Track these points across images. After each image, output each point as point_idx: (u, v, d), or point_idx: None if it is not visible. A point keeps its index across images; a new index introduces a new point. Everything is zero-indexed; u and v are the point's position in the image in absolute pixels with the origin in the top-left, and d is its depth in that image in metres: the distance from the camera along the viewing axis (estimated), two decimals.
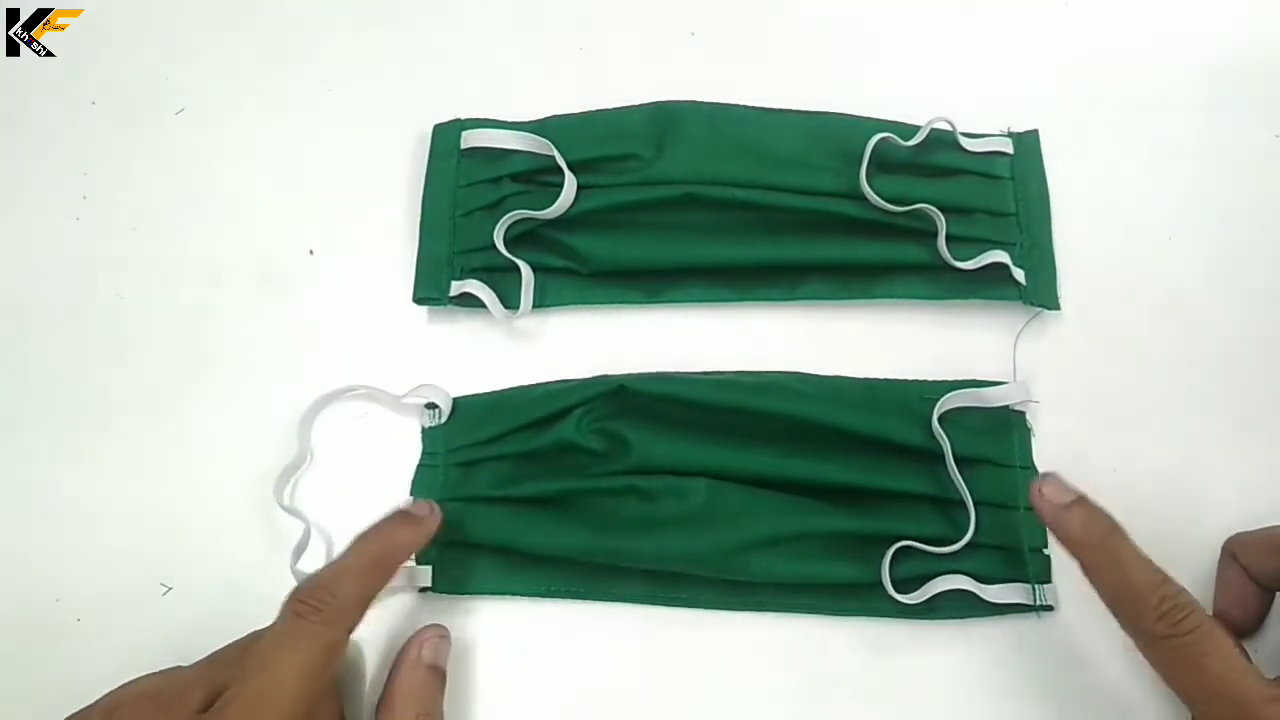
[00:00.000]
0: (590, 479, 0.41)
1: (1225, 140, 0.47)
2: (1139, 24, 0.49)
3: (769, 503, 0.40)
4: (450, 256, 0.45)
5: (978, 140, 0.46)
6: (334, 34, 0.51)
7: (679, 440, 0.41)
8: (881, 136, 0.43)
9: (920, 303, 0.44)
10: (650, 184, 0.44)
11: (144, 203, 0.48)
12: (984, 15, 0.50)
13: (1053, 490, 0.37)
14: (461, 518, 0.42)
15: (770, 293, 0.44)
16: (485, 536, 0.41)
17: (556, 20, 0.50)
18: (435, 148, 0.47)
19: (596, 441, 0.41)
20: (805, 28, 0.50)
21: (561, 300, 0.45)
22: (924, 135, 0.44)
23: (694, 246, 0.44)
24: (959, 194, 0.44)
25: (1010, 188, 0.45)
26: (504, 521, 0.41)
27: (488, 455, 0.43)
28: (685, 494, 0.40)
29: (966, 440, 0.41)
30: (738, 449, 0.41)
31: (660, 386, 0.42)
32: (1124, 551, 0.36)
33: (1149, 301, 0.45)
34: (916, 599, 0.39)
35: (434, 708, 0.38)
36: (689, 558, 0.40)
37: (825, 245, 0.44)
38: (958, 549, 0.39)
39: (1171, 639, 0.34)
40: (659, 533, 0.40)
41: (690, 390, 0.42)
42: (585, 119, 0.46)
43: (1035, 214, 0.45)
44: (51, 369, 0.46)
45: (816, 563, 0.40)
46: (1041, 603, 0.40)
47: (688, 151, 0.44)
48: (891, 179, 0.44)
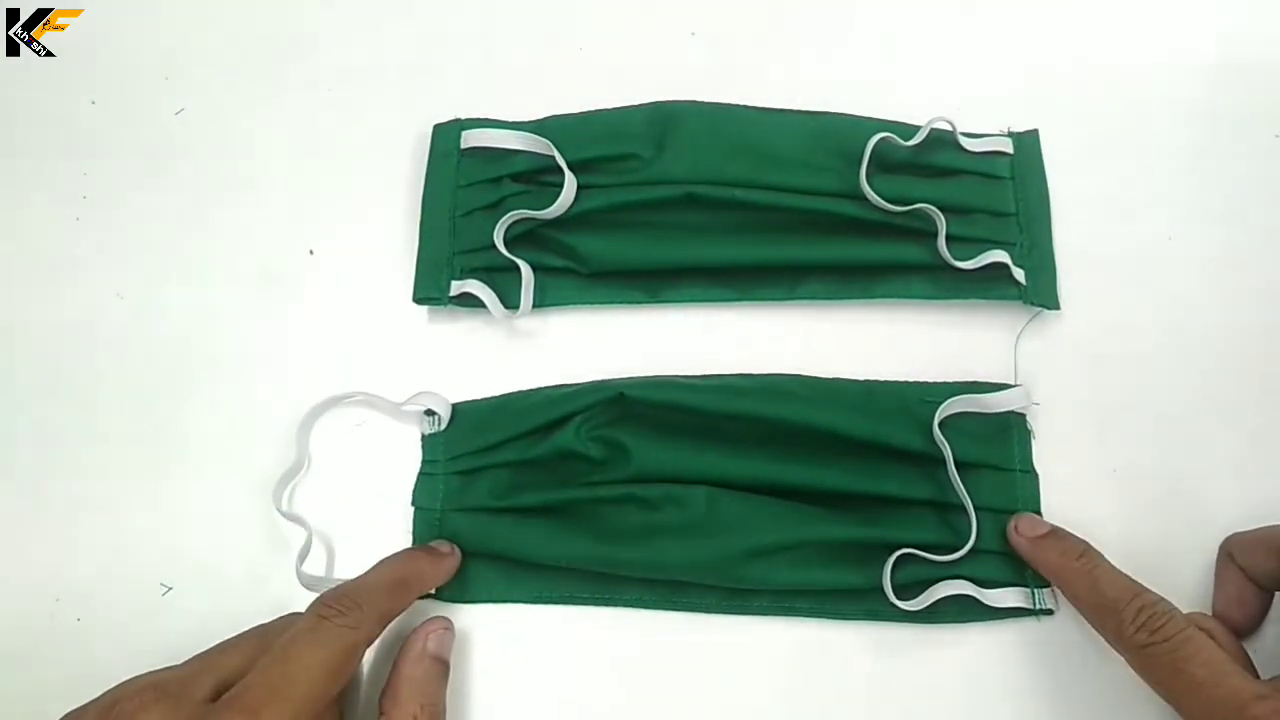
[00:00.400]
0: (590, 488, 0.41)
1: (1225, 140, 0.47)
2: (1138, 25, 0.49)
3: (769, 510, 0.40)
4: (450, 256, 0.45)
5: (978, 140, 0.46)
6: (334, 33, 0.51)
7: (678, 448, 0.41)
8: (881, 136, 0.43)
9: (920, 302, 0.44)
10: (650, 184, 0.44)
11: (144, 203, 0.48)
12: (983, 15, 0.49)
13: (1027, 526, 0.40)
14: (463, 527, 0.42)
15: (770, 292, 0.44)
16: (486, 546, 0.41)
17: (556, 19, 0.50)
18: (435, 147, 0.47)
19: (596, 449, 0.41)
20: (806, 27, 0.50)
21: (561, 300, 0.45)
22: (924, 135, 0.44)
23: (693, 246, 0.44)
24: (959, 194, 0.44)
25: (1010, 187, 0.45)
26: (505, 531, 0.41)
27: (488, 463, 0.42)
28: (685, 502, 0.40)
29: (966, 444, 0.41)
30: (737, 455, 0.41)
31: (659, 393, 0.42)
32: (1099, 569, 0.38)
33: (1149, 301, 0.45)
34: (918, 605, 0.39)
35: (437, 699, 0.39)
36: (689, 566, 0.40)
37: (825, 245, 0.44)
38: (959, 557, 0.39)
39: (1152, 646, 0.35)
40: (659, 541, 0.40)
41: (689, 397, 0.42)
42: (585, 119, 0.46)
43: (1035, 214, 0.45)
44: (51, 369, 0.46)
45: (817, 570, 0.40)
46: (1041, 606, 0.40)
47: (688, 151, 0.44)
48: (891, 179, 0.44)
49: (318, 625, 0.35)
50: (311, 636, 0.35)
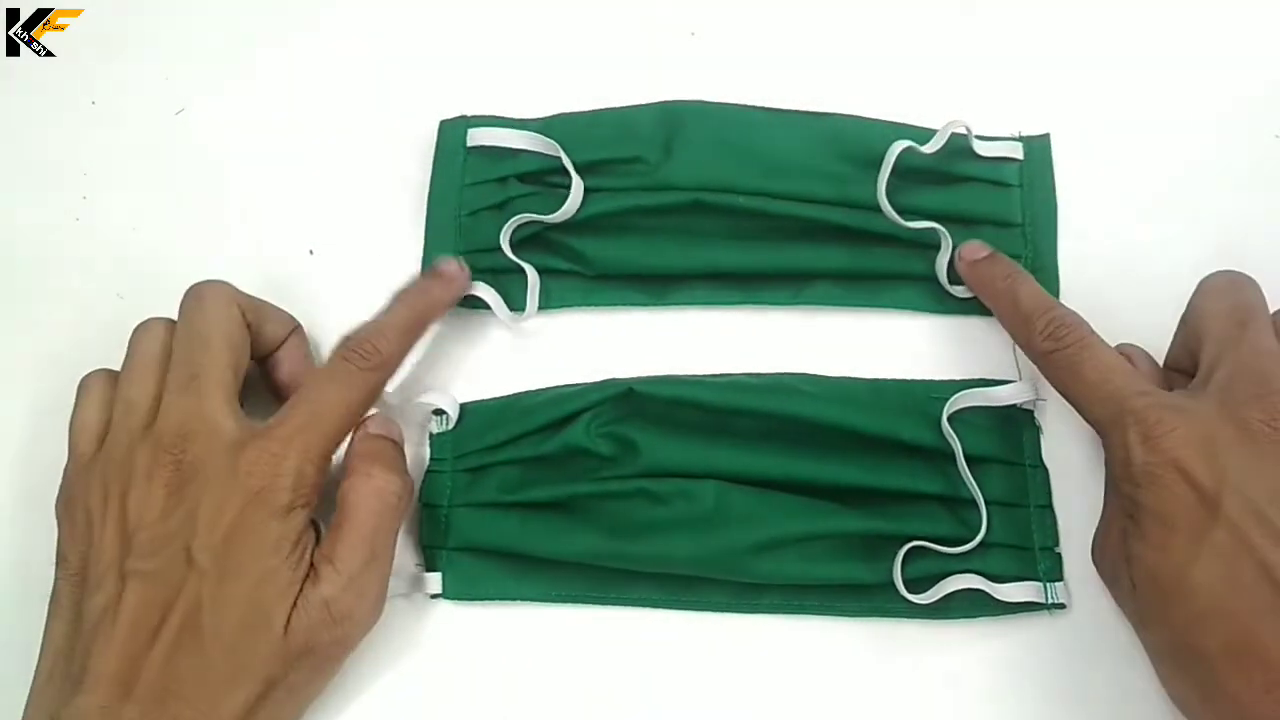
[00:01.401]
0: (600, 482, 0.41)
1: (1227, 143, 0.47)
2: (1138, 23, 0.49)
3: (778, 504, 0.40)
4: (455, 258, 0.44)
5: (990, 144, 0.45)
6: (338, 27, 0.51)
7: (688, 443, 0.41)
8: (905, 147, 0.42)
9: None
10: (657, 189, 0.44)
11: (144, 203, 0.48)
12: (986, 15, 0.50)
13: (969, 250, 0.43)
14: (471, 523, 0.42)
15: (775, 297, 0.44)
16: (494, 542, 0.41)
17: (559, 17, 0.50)
18: (441, 145, 0.46)
19: (605, 445, 0.41)
20: (807, 28, 0.50)
21: (567, 302, 0.45)
22: (943, 142, 0.43)
23: (699, 251, 0.44)
24: (966, 203, 0.44)
25: (1018, 196, 0.45)
26: (513, 526, 0.41)
27: (496, 460, 0.42)
28: (694, 496, 0.40)
29: (975, 439, 0.41)
30: (746, 451, 0.41)
31: (668, 389, 0.42)
32: (1021, 286, 0.41)
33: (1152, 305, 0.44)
34: (928, 599, 0.39)
35: (397, 465, 0.40)
36: (698, 560, 0.40)
37: (831, 253, 0.44)
38: (969, 549, 0.39)
39: (1055, 353, 0.38)
40: (668, 535, 0.40)
41: (698, 393, 0.42)
42: (593, 118, 0.46)
43: (1042, 225, 0.45)
44: (50, 369, 0.45)
45: (826, 564, 0.40)
46: (1054, 600, 0.40)
47: (695, 156, 0.44)
48: (899, 184, 0.43)
49: (343, 368, 0.39)
50: (338, 379, 0.39)
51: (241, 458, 0.36)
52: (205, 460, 0.36)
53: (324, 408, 0.38)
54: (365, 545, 0.37)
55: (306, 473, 0.36)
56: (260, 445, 0.36)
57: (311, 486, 0.37)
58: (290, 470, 0.36)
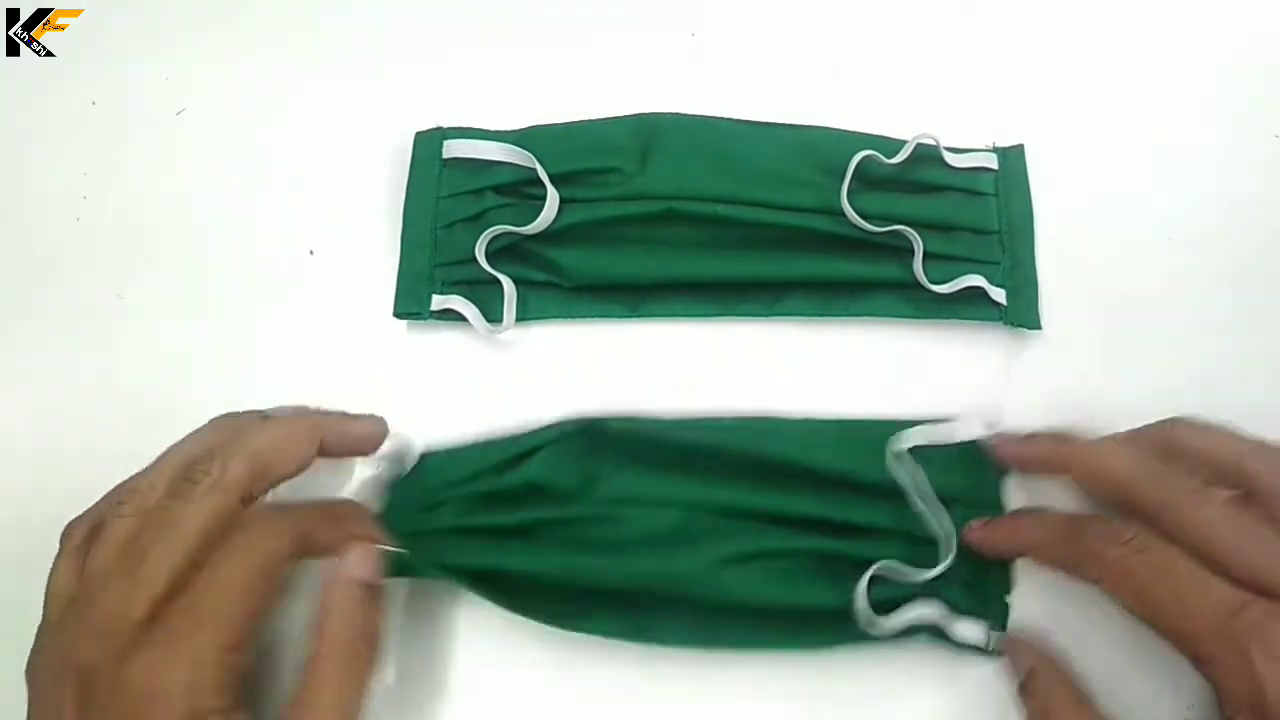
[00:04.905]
0: (560, 508, 0.41)
1: (1226, 144, 0.46)
2: (1136, 25, 0.48)
3: (743, 526, 0.40)
4: (431, 270, 0.45)
5: (962, 155, 0.45)
6: (339, 30, 0.51)
7: (650, 476, 0.41)
8: (864, 155, 0.43)
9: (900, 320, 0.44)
10: (632, 199, 0.44)
11: (144, 203, 0.49)
12: (981, 18, 0.49)
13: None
14: (427, 548, 0.40)
15: (750, 308, 0.44)
16: (452, 562, 0.40)
17: (548, 21, 0.50)
18: (417, 157, 0.46)
19: (566, 478, 0.41)
20: (795, 38, 0.49)
21: (543, 313, 0.45)
22: (908, 153, 0.43)
23: (675, 262, 0.44)
24: (941, 211, 0.44)
25: (994, 204, 0.45)
26: (471, 548, 0.40)
27: (453, 495, 0.42)
28: (657, 519, 0.40)
29: (938, 476, 0.40)
30: (709, 484, 0.41)
31: (629, 426, 0.42)
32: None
33: (1137, 315, 0.44)
34: (891, 628, 0.38)
35: (373, 628, 0.36)
36: (663, 575, 0.39)
37: (806, 262, 0.44)
38: (935, 574, 0.39)
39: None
40: (634, 551, 0.40)
41: (659, 430, 0.42)
42: (568, 129, 0.46)
43: (1019, 232, 0.44)
44: (50, 368, 0.47)
45: (792, 585, 0.39)
46: (994, 648, 0.39)
47: (670, 166, 0.44)
48: (874, 195, 0.43)
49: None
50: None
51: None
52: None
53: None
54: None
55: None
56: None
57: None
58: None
